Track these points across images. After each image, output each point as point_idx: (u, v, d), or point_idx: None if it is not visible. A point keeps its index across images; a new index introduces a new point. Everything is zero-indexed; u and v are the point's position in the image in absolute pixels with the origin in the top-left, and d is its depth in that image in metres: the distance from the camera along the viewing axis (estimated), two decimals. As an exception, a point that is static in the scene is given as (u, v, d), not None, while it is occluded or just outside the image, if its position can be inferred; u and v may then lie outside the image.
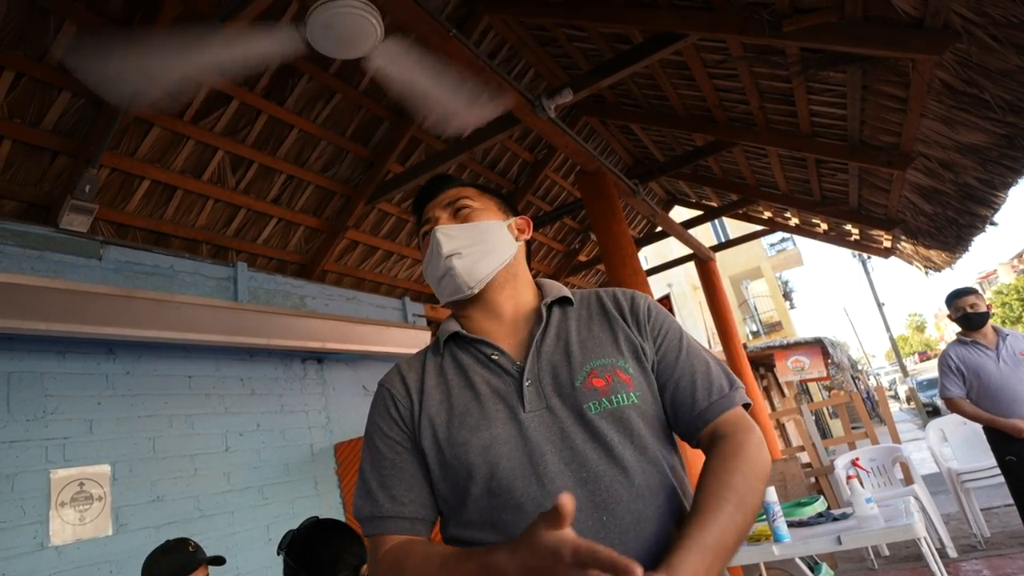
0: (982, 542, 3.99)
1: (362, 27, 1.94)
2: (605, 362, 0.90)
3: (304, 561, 1.56)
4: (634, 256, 3.89)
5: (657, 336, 0.96)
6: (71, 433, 2.72)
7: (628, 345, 0.94)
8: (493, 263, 1.00)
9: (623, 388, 0.88)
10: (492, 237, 1.01)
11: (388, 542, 0.88)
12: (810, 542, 2.54)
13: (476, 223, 1.01)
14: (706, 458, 0.85)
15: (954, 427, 4.63)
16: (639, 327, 0.96)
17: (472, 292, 0.99)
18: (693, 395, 0.90)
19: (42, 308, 2.52)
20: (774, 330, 17.14)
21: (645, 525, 0.80)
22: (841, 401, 6.72)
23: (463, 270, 0.97)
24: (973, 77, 2.68)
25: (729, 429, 0.86)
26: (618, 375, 0.89)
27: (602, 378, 0.88)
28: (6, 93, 2.63)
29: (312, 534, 1.61)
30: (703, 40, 3.49)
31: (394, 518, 0.89)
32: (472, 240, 0.99)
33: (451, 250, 0.98)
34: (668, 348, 0.94)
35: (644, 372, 0.92)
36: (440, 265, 0.99)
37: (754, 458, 0.82)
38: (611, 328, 0.96)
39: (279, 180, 3.84)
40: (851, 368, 14.87)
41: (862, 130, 3.85)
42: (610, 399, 0.86)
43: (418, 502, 0.90)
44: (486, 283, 0.99)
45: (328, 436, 3.94)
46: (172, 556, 1.98)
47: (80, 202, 2.83)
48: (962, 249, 4.60)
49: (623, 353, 0.92)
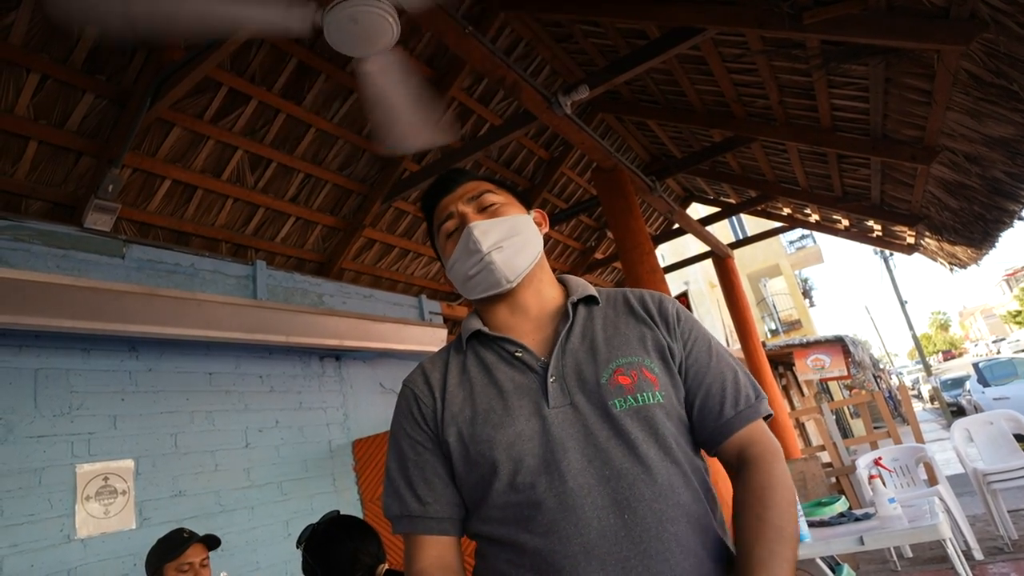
0: (1009, 544, 3.91)
1: (380, 26, 1.94)
2: (632, 360, 0.89)
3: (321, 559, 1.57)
4: (651, 253, 3.86)
5: (687, 340, 0.95)
6: (96, 429, 2.77)
7: (655, 346, 0.93)
8: (529, 257, 0.99)
9: (649, 387, 0.87)
10: (525, 231, 1.00)
11: (418, 543, 0.91)
12: (831, 542, 2.51)
13: (508, 217, 1.00)
14: (741, 489, 0.86)
15: (980, 427, 4.54)
16: (668, 329, 0.95)
17: (511, 286, 0.97)
18: (722, 402, 0.90)
19: (67, 306, 2.57)
20: (793, 328, 16.93)
21: (667, 525, 0.79)
22: (863, 400, 6.63)
23: (503, 264, 0.96)
24: (1001, 68, 2.61)
25: (757, 451, 0.87)
26: (644, 374, 0.88)
27: (628, 376, 0.87)
28: (32, 95, 2.69)
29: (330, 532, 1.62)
30: (721, 34, 3.45)
31: (421, 518, 0.91)
32: (508, 234, 0.98)
33: (491, 244, 0.96)
34: (699, 353, 0.94)
35: (670, 374, 0.91)
36: (476, 260, 0.96)
37: (787, 486, 0.84)
38: (638, 328, 0.95)
39: (297, 179, 3.87)
40: (873, 367, 14.63)
41: (885, 124, 3.78)
42: (636, 397, 0.86)
43: (443, 501, 0.91)
44: (522, 278, 0.98)
45: (346, 433, 3.97)
46: (166, 539, 2.15)
47: (103, 202, 2.88)
48: (988, 245, 4.49)
49: (649, 353, 0.92)
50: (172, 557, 2.07)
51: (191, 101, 3.15)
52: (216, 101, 3.22)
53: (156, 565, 2.08)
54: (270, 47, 3.23)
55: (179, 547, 2.09)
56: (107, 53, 2.76)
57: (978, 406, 12.90)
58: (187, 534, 2.14)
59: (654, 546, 0.77)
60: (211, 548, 2.18)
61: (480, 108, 4.45)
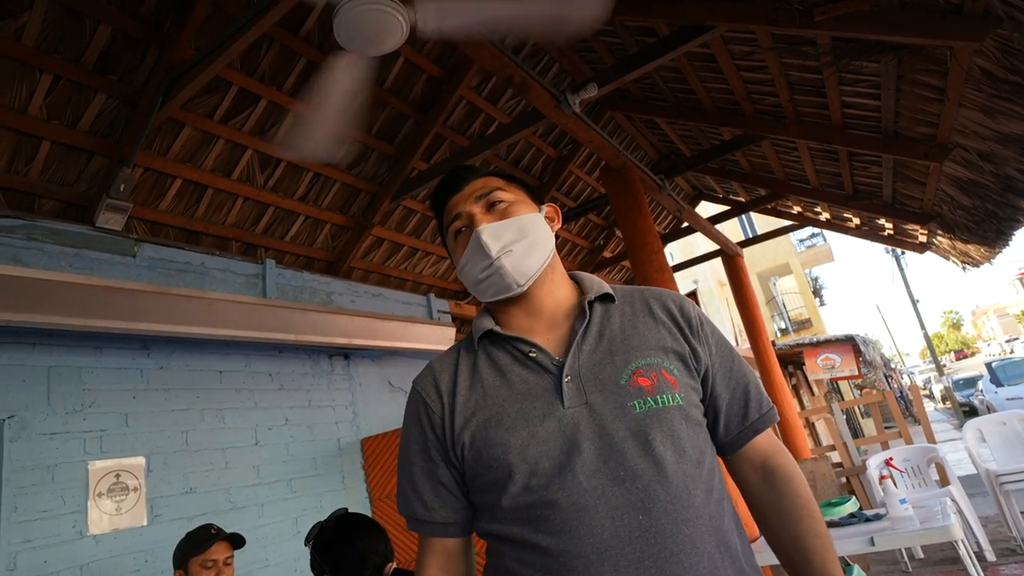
0: (1022, 545, 3.87)
1: (391, 27, 1.94)
2: (652, 361, 0.89)
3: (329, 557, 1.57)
4: (660, 252, 3.84)
5: (711, 345, 0.96)
6: (108, 426, 2.80)
7: (675, 348, 0.92)
8: (540, 258, 0.97)
9: (668, 389, 0.86)
10: (535, 231, 0.98)
11: (427, 544, 0.95)
12: (842, 543, 2.49)
13: (518, 217, 0.97)
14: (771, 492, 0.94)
15: (992, 427, 4.49)
16: (692, 333, 0.95)
17: (521, 290, 0.96)
18: (746, 406, 0.94)
19: (80, 304, 2.59)
20: (803, 327, 16.82)
21: (682, 527, 0.78)
22: (873, 400, 6.57)
23: (513, 268, 0.94)
24: (1015, 64, 2.58)
25: (784, 460, 0.95)
26: (664, 376, 0.88)
27: (647, 377, 0.87)
28: (45, 95, 2.71)
29: (339, 529, 1.62)
30: (731, 31, 3.42)
31: (427, 522, 0.93)
32: (518, 236, 0.95)
33: (500, 248, 0.94)
34: (722, 358, 0.96)
35: (690, 376, 0.91)
36: (486, 265, 0.95)
37: (806, 483, 0.94)
38: (657, 329, 0.94)
39: (306, 178, 3.89)
40: (884, 366, 14.51)
41: (897, 121, 3.74)
42: (655, 399, 0.85)
43: (448, 507, 0.93)
44: (534, 280, 0.97)
45: (355, 431, 3.98)
46: (193, 534, 2.15)
47: (115, 201, 2.91)
48: (1002, 244, 4.44)
49: (668, 355, 0.91)
50: (197, 552, 2.08)
51: (201, 101, 3.17)
52: (226, 101, 3.24)
53: (182, 559, 2.10)
54: (280, 47, 3.25)
55: (205, 543, 2.10)
56: (118, 53, 2.78)
57: (991, 406, 12.79)
58: (214, 531, 2.15)
59: (668, 547, 0.77)
60: (236, 547, 2.19)
61: (488, 107, 4.44)
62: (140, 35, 2.77)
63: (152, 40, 2.81)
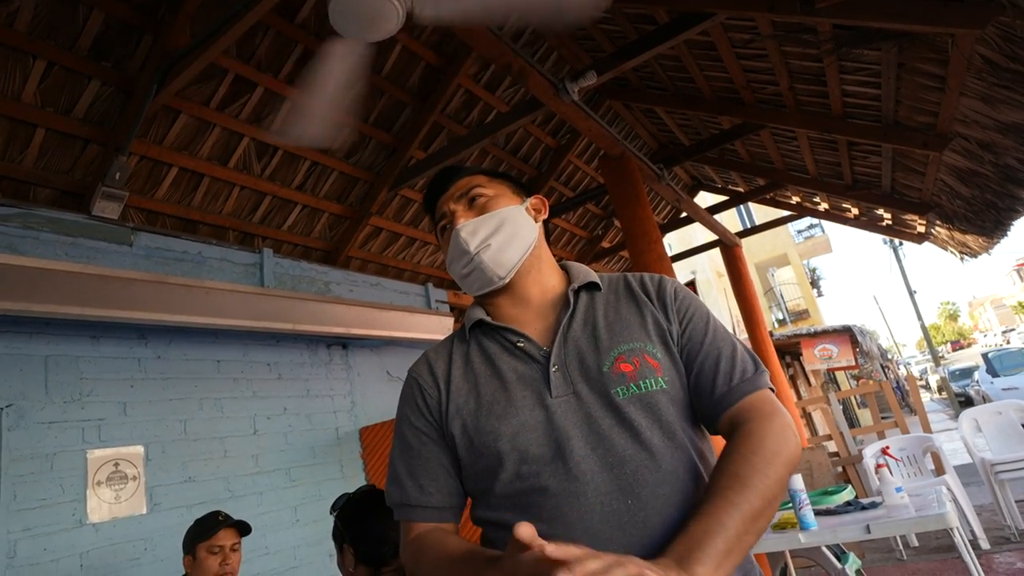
0: (1016, 534, 3.90)
1: (386, 12, 1.92)
2: (633, 347, 0.89)
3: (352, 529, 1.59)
4: (658, 242, 3.84)
5: (683, 318, 0.94)
6: (106, 415, 2.79)
7: (656, 329, 0.92)
8: (520, 250, 0.99)
9: (652, 373, 0.86)
10: (513, 223, 0.99)
11: (416, 529, 0.92)
12: (838, 530, 2.51)
13: (495, 212, 0.99)
14: (726, 444, 0.82)
15: (988, 417, 4.52)
16: (666, 310, 0.94)
17: (503, 282, 0.98)
18: (715, 378, 0.87)
19: (76, 293, 2.58)
20: (801, 318, 16.85)
21: (672, 510, 0.79)
22: (870, 390, 6.59)
23: (491, 262, 0.96)
24: (1017, 52, 2.57)
25: (751, 414, 0.83)
26: (646, 360, 0.87)
27: (630, 363, 0.87)
28: (39, 82, 2.69)
29: (365, 504, 1.64)
30: (731, 19, 3.40)
31: (422, 507, 0.92)
32: (494, 230, 0.97)
33: (477, 245, 0.96)
34: (694, 330, 0.92)
35: (672, 357, 0.90)
36: (466, 261, 0.97)
37: (774, 439, 0.79)
38: (639, 312, 0.94)
39: (303, 167, 3.87)
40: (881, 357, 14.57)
41: (897, 110, 3.73)
42: (638, 384, 0.85)
43: (444, 491, 0.92)
44: (516, 271, 0.98)
45: (353, 420, 3.99)
46: (202, 520, 2.21)
47: (111, 189, 2.89)
48: (1000, 234, 4.44)
49: (651, 338, 0.91)
50: (204, 538, 2.13)
51: (197, 88, 3.14)
52: (222, 88, 3.21)
53: (190, 545, 2.15)
54: (276, 33, 3.22)
55: (212, 529, 2.14)
56: (112, 39, 2.76)
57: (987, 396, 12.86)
58: (222, 517, 2.20)
59: (659, 531, 0.77)
60: (243, 534, 2.24)
61: (487, 95, 4.42)
62: (134, 22, 2.74)
63: (146, 27, 2.78)
